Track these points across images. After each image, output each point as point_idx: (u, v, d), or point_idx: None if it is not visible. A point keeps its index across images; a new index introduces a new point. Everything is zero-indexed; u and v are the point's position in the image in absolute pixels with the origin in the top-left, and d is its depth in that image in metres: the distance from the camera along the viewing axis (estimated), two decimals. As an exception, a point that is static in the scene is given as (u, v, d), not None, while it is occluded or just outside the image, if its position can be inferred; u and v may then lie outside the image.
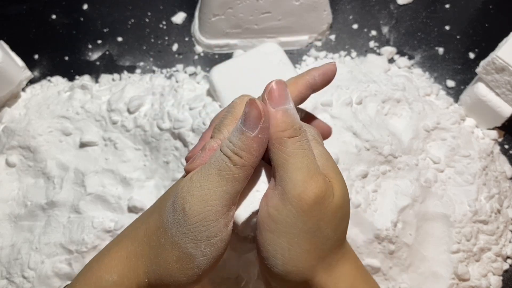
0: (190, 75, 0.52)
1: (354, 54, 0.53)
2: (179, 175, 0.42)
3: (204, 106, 0.42)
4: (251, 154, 0.25)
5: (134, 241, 0.27)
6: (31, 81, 0.52)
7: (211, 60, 0.53)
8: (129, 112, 0.45)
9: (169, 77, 0.51)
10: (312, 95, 0.44)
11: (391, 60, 0.53)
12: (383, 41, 0.54)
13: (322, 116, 0.43)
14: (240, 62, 0.44)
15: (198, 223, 0.24)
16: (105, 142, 0.45)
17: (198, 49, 0.53)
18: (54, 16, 0.56)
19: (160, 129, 0.43)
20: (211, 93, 0.45)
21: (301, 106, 0.37)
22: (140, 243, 0.27)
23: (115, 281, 0.26)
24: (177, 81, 0.50)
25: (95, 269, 0.27)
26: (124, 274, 0.26)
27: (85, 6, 0.56)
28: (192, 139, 0.41)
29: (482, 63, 0.45)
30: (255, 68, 0.44)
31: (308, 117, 0.33)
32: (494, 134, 0.47)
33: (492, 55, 0.43)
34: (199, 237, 0.24)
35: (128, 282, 0.26)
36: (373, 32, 0.55)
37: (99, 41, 0.54)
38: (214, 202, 0.24)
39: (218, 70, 0.44)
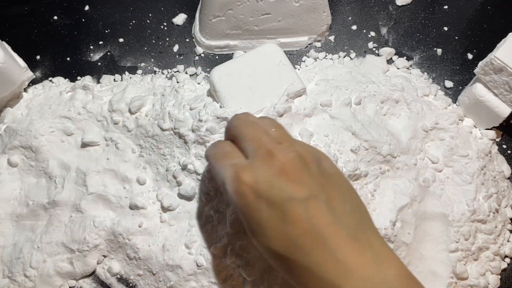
0: (190, 75, 0.52)
1: (353, 55, 0.53)
2: (180, 174, 0.42)
3: (205, 106, 0.42)
4: None
5: None
6: (33, 82, 0.52)
7: (212, 61, 0.53)
8: (130, 112, 0.45)
9: (170, 78, 0.52)
10: (311, 96, 0.44)
11: (390, 61, 0.53)
12: (382, 42, 0.54)
13: (322, 116, 0.44)
14: (240, 62, 0.45)
15: None
16: (107, 142, 0.45)
17: (199, 50, 0.54)
18: (55, 17, 0.56)
19: (161, 129, 0.43)
20: (212, 93, 0.45)
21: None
22: None
23: None
24: (178, 82, 0.50)
25: None
26: None
27: (87, 7, 0.57)
28: (192, 139, 0.42)
29: (481, 63, 0.45)
30: (255, 68, 0.44)
31: None
32: (492, 134, 0.48)
33: (490, 55, 0.44)
34: None
35: None
36: (372, 33, 0.55)
37: (101, 42, 0.55)
38: None
39: (219, 71, 0.44)
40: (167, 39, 0.55)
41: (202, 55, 0.54)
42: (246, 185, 0.28)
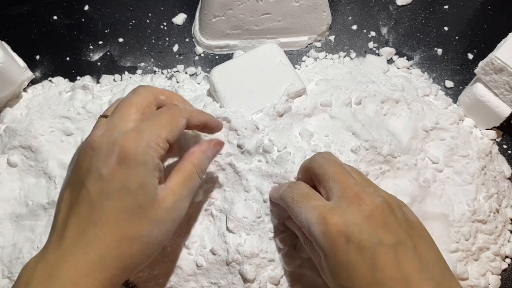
0: (190, 75, 0.52)
1: (353, 54, 0.53)
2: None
3: (205, 106, 0.42)
4: None
5: None
6: (33, 82, 0.52)
7: (212, 60, 0.53)
8: (130, 112, 0.45)
9: (170, 78, 0.52)
10: (311, 96, 0.44)
11: (390, 61, 0.53)
12: (382, 42, 0.54)
13: (322, 116, 0.44)
14: (240, 62, 0.45)
15: None
16: (106, 142, 0.45)
17: (199, 50, 0.54)
18: (55, 17, 0.56)
19: (161, 129, 0.43)
20: (212, 93, 0.45)
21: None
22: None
23: None
24: (177, 82, 0.50)
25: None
26: None
27: (86, 7, 0.57)
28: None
29: (481, 63, 0.45)
30: (255, 68, 0.44)
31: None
32: (493, 134, 0.48)
33: (491, 55, 0.44)
34: None
35: None
36: (372, 33, 0.55)
37: (100, 42, 0.55)
38: None
39: (218, 71, 0.44)
40: (167, 39, 0.55)
41: (202, 55, 0.54)
42: (336, 228, 0.28)
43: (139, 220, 0.30)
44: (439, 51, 0.54)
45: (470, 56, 0.54)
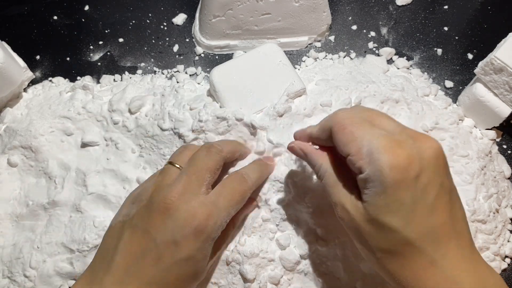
0: (190, 75, 0.52)
1: (353, 55, 0.53)
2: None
3: (205, 106, 0.42)
4: None
5: None
6: (33, 82, 0.52)
7: (212, 61, 0.53)
8: (130, 112, 0.45)
9: (170, 78, 0.52)
10: (311, 96, 0.45)
11: (390, 61, 0.53)
12: (382, 42, 0.54)
13: (322, 116, 0.44)
14: (240, 62, 0.45)
15: None
16: (106, 142, 0.45)
17: (199, 50, 0.54)
18: (55, 17, 0.56)
19: (161, 129, 0.43)
20: (212, 93, 0.45)
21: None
22: None
23: None
24: (177, 82, 0.50)
25: None
26: None
27: (86, 7, 0.57)
28: (192, 139, 0.42)
29: (481, 63, 0.45)
30: (255, 68, 0.44)
31: None
32: (493, 134, 0.48)
33: (491, 55, 0.44)
34: None
35: None
36: (372, 33, 0.55)
37: (101, 42, 0.55)
38: None
39: (218, 71, 0.44)
40: (167, 39, 0.55)
41: (202, 55, 0.54)
42: (408, 160, 0.26)
43: (189, 283, 0.33)
44: (439, 51, 0.54)
45: (470, 56, 0.54)
